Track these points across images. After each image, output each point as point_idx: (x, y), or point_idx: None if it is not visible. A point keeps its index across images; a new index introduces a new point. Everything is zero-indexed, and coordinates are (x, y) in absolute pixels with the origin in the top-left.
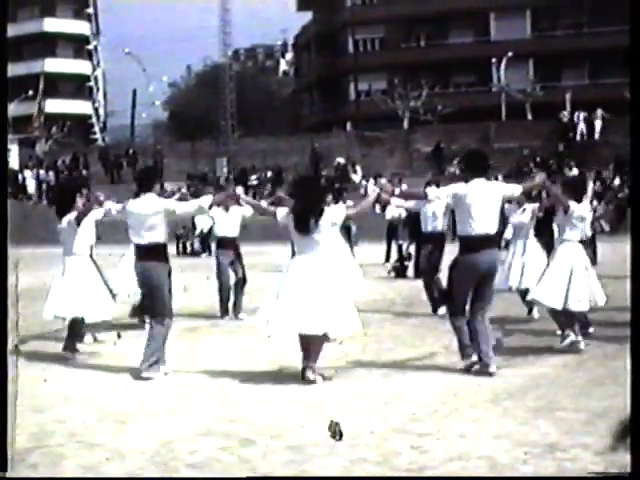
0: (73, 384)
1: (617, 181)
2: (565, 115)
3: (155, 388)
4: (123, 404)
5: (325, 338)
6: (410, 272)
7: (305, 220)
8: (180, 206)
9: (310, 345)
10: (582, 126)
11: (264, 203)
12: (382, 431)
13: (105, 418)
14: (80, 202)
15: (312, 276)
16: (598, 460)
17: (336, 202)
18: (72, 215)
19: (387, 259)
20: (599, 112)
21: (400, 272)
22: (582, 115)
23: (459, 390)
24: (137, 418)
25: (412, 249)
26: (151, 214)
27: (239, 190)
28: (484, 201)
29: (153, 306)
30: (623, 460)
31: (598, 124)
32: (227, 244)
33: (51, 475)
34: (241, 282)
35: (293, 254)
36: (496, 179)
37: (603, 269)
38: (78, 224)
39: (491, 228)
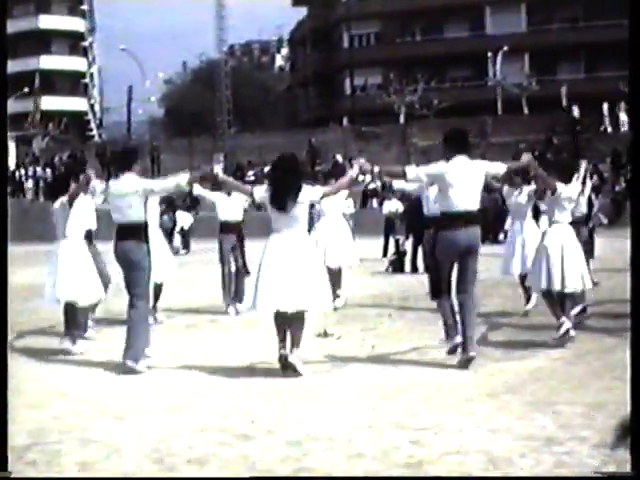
0: (70, 380)
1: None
2: (575, 109)
3: (152, 384)
4: (120, 400)
5: (302, 321)
6: (407, 267)
7: (282, 197)
8: (158, 184)
9: (287, 325)
10: (607, 120)
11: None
12: (380, 426)
13: (102, 414)
14: (73, 185)
15: (289, 253)
16: (595, 454)
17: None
18: (64, 197)
19: (385, 254)
20: (623, 105)
21: (397, 267)
22: (606, 107)
23: (456, 384)
24: (135, 414)
25: (408, 244)
26: (130, 193)
27: (217, 168)
28: (465, 178)
29: (132, 287)
30: (620, 454)
31: (623, 116)
32: (230, 228)
33: (49, 471)
34: (242, 270)
35: None
36: None
37: (601, 262)
38: (70, 205)
39: (472, 205)
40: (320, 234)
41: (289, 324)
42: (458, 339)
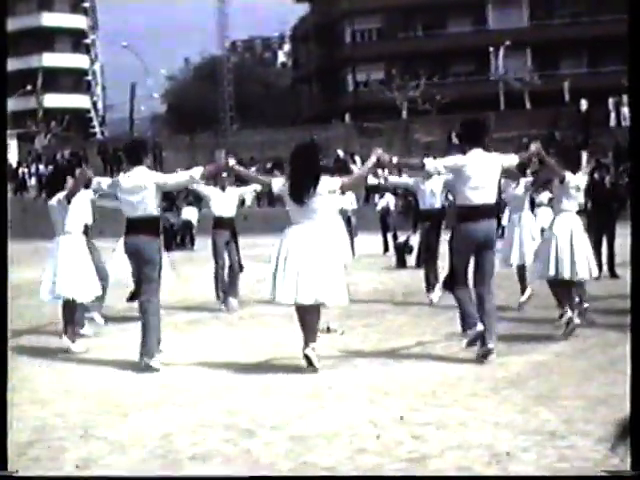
0: (73, 377)
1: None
2: (583, 103)
3: (155, 380)
4: (124, 397)
5: (318, 314)
6: (411, 261)
7: (301, 188)
8: (172, 177)
9: (306, 317)
10: (613, 114)
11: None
12: (382, 421)
13: (106, 411)
14: (71, 182)
15: (308, 245)
16: (598, 448)
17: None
18: (62, 193)
19: (386, 249)
20: (625, 99)
21: (402, 255)
22: (612, 101)
23: (459, 379)
24: (138, 410)
25: (415, 240)
26: (142, 187)
27: (231, 161)
28: (483, 171)
29: (144, 282)
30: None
31: (626, 111)
32: (223, 224)
33: (52, 468)
34: (236, 266)
35: None
36: None
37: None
38: (68, 202)
39: (489, 198)
40: None
41: (308, 314)
42: (479, 327)
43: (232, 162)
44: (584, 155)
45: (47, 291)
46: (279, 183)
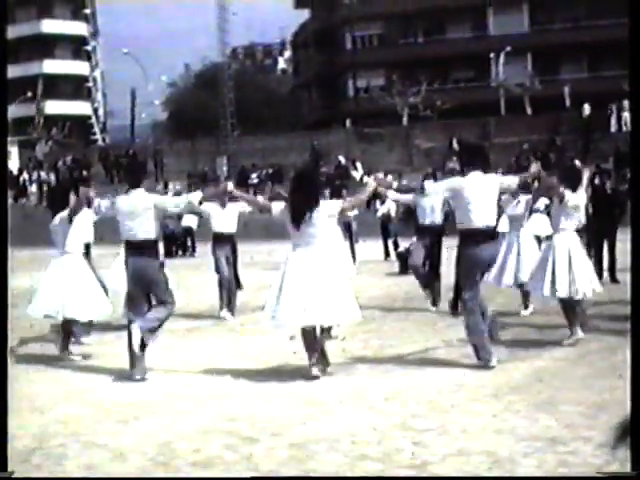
0: (74, 385)
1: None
2: (586, 108)
3: (156, 387)
4: (124, 404)
5: (323, 333)
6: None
7: (301, 213)
8: (170, 201)
9: (311, 339)
10: (614, 119)
11: (261, 199)
12: (383, 427)
13: (107, 418)
14: (73, 200)
15: (310, 268)
16: (599, 453)
17: (337, 198)
18: (64, 213)
19: (387, 255)
20: (626, 103)
21: (405, 261)
22: (614, 107)
23: (460, 385)
24: (139, 418)
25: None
26: (141, 210)
27: (230, 186)
28: (482, 194)
29: (157, 296)
30: (623, 454)
31: (627, 116)
32: (224, 240)
33: (53, 475)
34: (233, 282)
35: None
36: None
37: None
38: (70, 221)
39: (490, 220)
40: None
41: (315, 339)
42: (491, 363)
43: (230, 187)
44: (586, 173)
45: (40, 309)
46: (279, 207)
